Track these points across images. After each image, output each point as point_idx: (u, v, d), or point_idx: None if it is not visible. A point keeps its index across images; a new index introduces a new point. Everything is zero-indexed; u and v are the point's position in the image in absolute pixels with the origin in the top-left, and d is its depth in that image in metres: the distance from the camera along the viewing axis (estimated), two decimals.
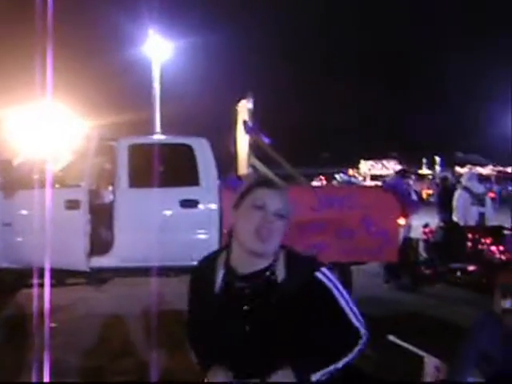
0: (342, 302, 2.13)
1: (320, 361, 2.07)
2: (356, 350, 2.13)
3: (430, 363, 3.64)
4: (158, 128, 20.64)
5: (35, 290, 6.69)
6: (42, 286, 6.56)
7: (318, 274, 2.11)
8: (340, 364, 2.09)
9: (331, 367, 2.07)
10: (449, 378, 3.41)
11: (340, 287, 2.14)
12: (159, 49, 22.21)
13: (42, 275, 6.42)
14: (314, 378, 2.03)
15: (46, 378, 2.45)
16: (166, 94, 22.21)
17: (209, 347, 2.19)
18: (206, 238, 7.16)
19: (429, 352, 3.76)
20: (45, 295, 6.00)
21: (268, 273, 2.10)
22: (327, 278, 2.11)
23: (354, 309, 2.16)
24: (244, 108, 7.89)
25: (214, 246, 7.00)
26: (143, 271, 7.21)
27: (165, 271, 7.14)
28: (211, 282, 2.16)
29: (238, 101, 8.22)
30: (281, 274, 2.09)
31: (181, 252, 7.04)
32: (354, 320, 2.14)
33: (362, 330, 2.15)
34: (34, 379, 3.76)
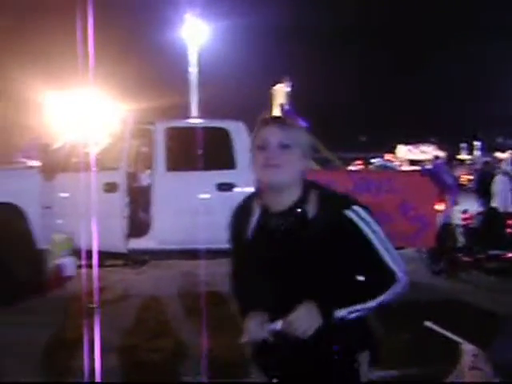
0: (376, 242, 2.07)
1: (346, 297, 2.03)
2: (389, 291, 2.06)
3: (468, 350, 3.60)
4: (194, 112, 20.72)
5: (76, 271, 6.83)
6: (82, 267, 6.69)
7: (349, 212, 2.07)
8: (369, 304, 2.04)
9: (358, 306, 2.03)
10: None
11: (374, 227, 2.09)
12: (196, 32, 22.22)
13: (81, 257, 6.54)
14: (339, 313, 2.00)
15: (98, 356, 2.56)
16: (203, 78, 22.25)
17: (246, 291, 2.22)
18: None
19: (466, 339, 3.71)
20: (86, 276, 6.11)
21: (299, 209, 2.09)
22: (358, 216, 2.07)
23: (392, 251, 2.10)
24: (281, 91, 7.88)
25: None
26: (180, 253, 7.30)
27: (201, 254, 7.21)
28: (248, 223, 2.19)
29: (275, 84, 8.20)
30: (312, 210, 2.08)
31: (217, 235, 7.05)
32: (389, 262, 2.08)
33: (399, 274, 2.08)
34: (85, 358, 3.86)
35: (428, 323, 3.95)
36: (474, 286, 8.34)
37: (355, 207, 2.09)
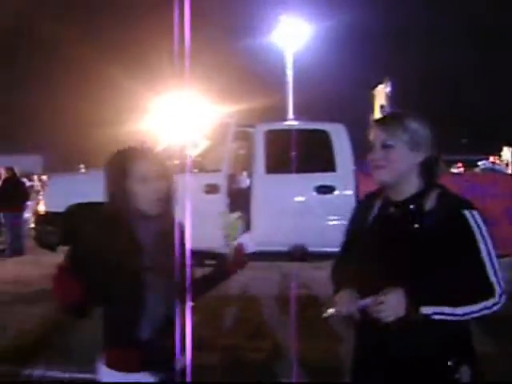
0: (483, 250, 2.03)
1: (436, 295, 1.99)
2: (481, 304, 1.98)
3: None
4: (291, 114, 20.76)
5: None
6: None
7: (466, 212, 2.06)
8: (458, 311, 1.97)
9: (447, 309, 1.97)
10: None
11: (486, 234, 2.05)
12: (293, 33, 22.26)
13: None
14: (424, 310, 1.95)
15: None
16: (300, 79, 22.26)
17: (346, 273, 2.24)
18: (341, 224, 7.12)
19: None
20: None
21: (417, 200, 2.14)
22: (474, 219, 2.05)
23: (496, 264, 2.04)
24: (381, 92, 7.78)
25: None
26: (277, 255, 7.33)
27: (299, 256, 7.22)
28: (369, 213, 2.28)
29: (376, 85, 8.09)
30: (430, 204, 2.11)
31: (316, 237, 7.08)
32: (490, 274, 2.02)
33: (498, 289, 2.00)
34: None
35: None
36: None
37: (474, 211, 2.07)
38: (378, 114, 7.90)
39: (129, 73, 18.29)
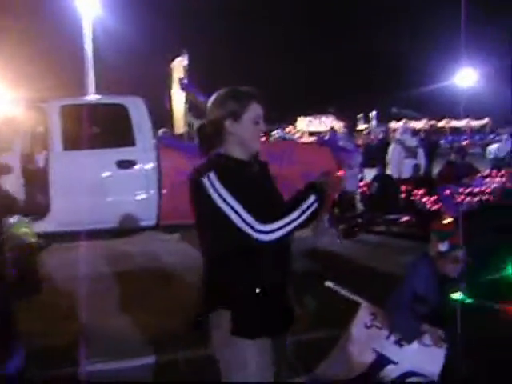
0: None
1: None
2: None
3: (366, 309, 3.76)
4: (92, 89, 20.10)
5: None
6: None
7: None
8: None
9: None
10: (388, 320, 3.55)
11: None
12: (89, 4, 21.33)
13: None
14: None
15: None
16: (99, 53, 21.53)
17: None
18: (144, 198, 7.10)
19: (365, 298, 3.87)
20: None
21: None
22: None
23: None
24: (179, 65, 7.79)
25: (154, 206, 6.99)
26: (82, 235, 7.08)
27: (105, 234, 7.09)
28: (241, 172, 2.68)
29: (174, 58, 8.09)
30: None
31: (120, 213, 6.98)
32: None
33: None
34: None
35: (329, 283, 4.08)
36: (370, 249, 8.71)
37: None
38: (176, 87, 7.92)
39: None
